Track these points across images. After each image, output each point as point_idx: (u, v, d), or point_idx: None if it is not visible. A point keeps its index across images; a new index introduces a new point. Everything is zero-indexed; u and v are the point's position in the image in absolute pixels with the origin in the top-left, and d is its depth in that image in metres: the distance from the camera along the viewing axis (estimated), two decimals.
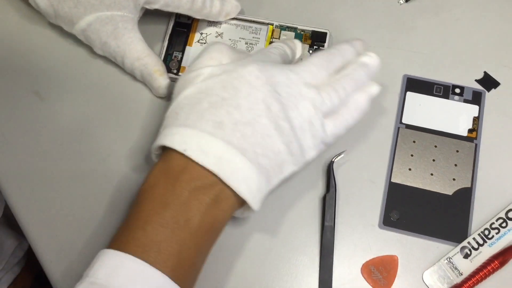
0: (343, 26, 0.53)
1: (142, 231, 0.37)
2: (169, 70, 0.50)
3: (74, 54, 0.52)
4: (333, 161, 0.47)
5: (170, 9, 0.49)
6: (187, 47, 0.51)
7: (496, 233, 0.45)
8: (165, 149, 0.40)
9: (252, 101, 0.39)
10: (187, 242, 0.37)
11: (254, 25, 0.52)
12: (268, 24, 0.52)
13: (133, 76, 0.50)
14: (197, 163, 0.38)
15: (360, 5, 0.54)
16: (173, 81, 0.49)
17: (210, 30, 0.51)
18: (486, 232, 0.46)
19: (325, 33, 0.51)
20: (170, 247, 0.37)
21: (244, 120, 0.39)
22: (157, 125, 0.45)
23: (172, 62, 0.50)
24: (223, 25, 0.52)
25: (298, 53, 0.47)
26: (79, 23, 0.48)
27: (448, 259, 0.45)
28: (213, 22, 0.51)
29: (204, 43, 0.51)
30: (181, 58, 0.50)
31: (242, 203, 0.40)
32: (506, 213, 0.46)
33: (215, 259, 0.43)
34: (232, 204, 0.39)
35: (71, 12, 0.47)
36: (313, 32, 0.51)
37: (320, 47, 0.51)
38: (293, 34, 0.51)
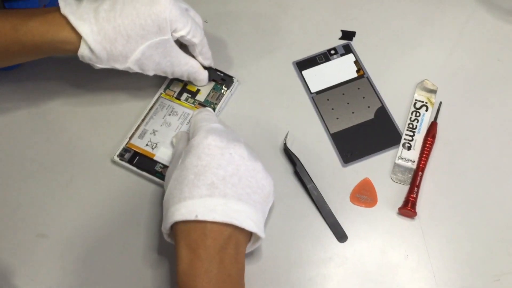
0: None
1: None
2: None
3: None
4: (285, 143, 0.59)
5: (189, 37, 0.56)
6: None
7: (417, 122, 0.60)
8: (176, 226, 0.47)
9: (227, 158, 0.48)
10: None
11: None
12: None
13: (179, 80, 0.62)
14: (211, 222, 0.46)
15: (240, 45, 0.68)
16: None
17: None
18: (411, 126, 0.60)
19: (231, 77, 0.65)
20: None
21: (229, 173, 0.48)
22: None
23: None
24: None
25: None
26: (134, 55, 0.54)
27: (399, 157, 0.59)
28: None
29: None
30: None
31: (250, 237, 0.49)
32: (414, 105, 0.61)
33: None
34: (245, 243, 0.49)
35: (124, 49, 0.54)
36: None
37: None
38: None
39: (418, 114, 0.60)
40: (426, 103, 0.61)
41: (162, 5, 0.53)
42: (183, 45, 0.60)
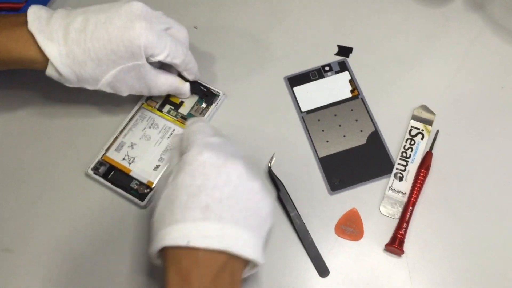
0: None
1: None
2: None
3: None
4: (270, 166, 0.56)
5: (168, 59, 0.53)
6: None
7: (411, 151, 0.56)
8: (166, 250, 0.43)
9: (224, 178, 0.44)
10: None
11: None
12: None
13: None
14: (204, 249, 0.41)
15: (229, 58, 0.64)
16: None
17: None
18: (404, 154, 0.56)
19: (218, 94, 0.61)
20: None
21: (226, 195, 0.43)
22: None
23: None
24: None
25: None
26: (104, 78, 0.51)
27: (389, 188, 0.55)
28: None
29: None
30: None
31: (247, 262, 0.45)
32: (409, 132, 0.57)
33: None
34: (241, 270, 0.45)
35: (94, 72, 0.51)
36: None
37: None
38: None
39: (413, 142, 0.57)
40: (422, 130, 0.57)
41: (137, 32, 0.49)
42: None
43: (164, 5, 0.66)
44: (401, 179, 0.55)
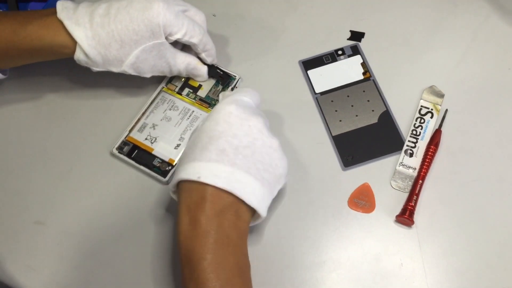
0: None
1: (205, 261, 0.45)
2: None
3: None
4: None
5: (186, 38, 0.56)
6: None
7: (421, 129, 0.59)
8: (181, 185, 0.48)
9: (246, 130, 0.48)
10: (236, 251, 0.46)
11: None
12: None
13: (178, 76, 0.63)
14: (212, 187, 0.46)
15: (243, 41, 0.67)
16: None
17: None
18: (414, 132, 0.59)
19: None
20: (228, 261, 0.45)
21: (243, 145, 0.48)
22: None
23: None
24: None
25: None
26: (128, 59, 0.55)
27: (400, 164, 0.58)
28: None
29: None
30: None
31: (254, 212, 0.49)
32: (419, 111, 0.60)
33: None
34: (248, 214, 0.48)
35: (118, 53, 0.55)
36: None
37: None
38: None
39: (422, 121, 0.59)
40: (432, 109, 0.60)
41: (155, 11, 0.53)
42: (186, 45, 0.59)
43: None
44: (411, 155, 0.58)
